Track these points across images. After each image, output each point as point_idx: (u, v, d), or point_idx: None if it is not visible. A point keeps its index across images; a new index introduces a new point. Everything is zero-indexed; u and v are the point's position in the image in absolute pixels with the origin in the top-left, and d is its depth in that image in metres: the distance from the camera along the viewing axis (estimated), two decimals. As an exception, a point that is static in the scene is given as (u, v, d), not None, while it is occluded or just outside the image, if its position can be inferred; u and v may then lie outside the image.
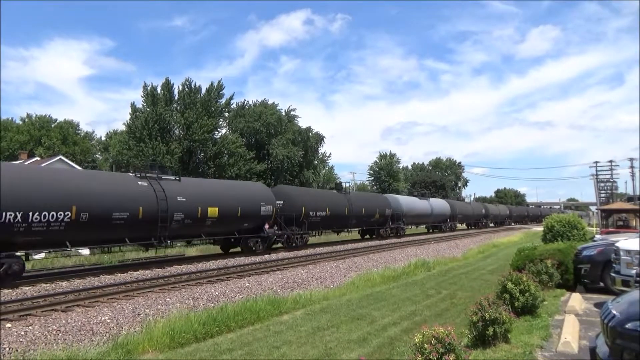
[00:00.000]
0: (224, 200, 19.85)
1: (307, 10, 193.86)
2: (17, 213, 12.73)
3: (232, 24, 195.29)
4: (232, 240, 21.90)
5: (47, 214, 13.41)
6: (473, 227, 57.81)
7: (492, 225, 64.10)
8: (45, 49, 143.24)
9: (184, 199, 17.89)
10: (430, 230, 47.72)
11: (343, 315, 9.50)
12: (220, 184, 22.95)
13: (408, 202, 39.97)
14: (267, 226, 22.73)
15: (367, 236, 35.55)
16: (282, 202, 24.17)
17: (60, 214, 13.72)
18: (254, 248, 21.67)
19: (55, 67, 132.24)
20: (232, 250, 22.61)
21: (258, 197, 22.19)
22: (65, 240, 14.48)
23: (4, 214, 12.45)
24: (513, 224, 75.97)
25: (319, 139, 51.91)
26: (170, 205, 17.17)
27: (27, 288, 12.34)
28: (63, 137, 55.48)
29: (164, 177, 18.44)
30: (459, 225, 53.26)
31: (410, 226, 42.23)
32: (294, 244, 24.61)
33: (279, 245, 24.78)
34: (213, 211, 19.03)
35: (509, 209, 77.99)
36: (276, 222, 23.67)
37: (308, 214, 25.61)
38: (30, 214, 12.99)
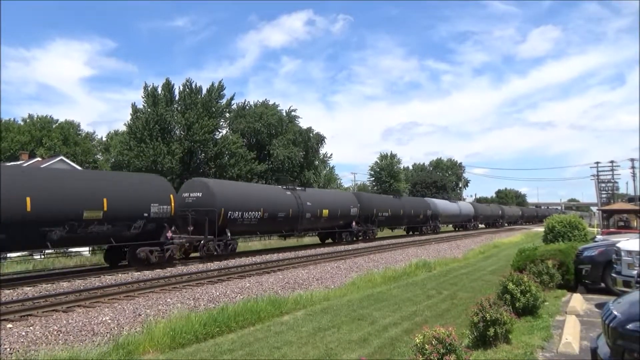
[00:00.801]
0: (330, 204, 27.89)
1: (308, 11, 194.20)
2: (239, 212, 20.61)
3: (233, 24, 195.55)
4: (328, 233, 30.02)
5: (251, 212, 21.28)
6: (492, 226, 63.63)
7: (506, 224, 69.65)
8: (47, 50, 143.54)
9: (310, 204, 25.67)
10: (457, 229, 54.01)
11: (344, 315, 9.50)
12: (328, 192, 32.75)
13: (442, 204, 47.04)
14: (354, 223, 30.17)
15: (411, 232, 42.71)
16: (359, 205, 30.76)
17: (256, 213, 21.60)
18: (344, 239, 29.50)
19: (56, 68, 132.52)
20: (327, 240, 30.41)
21: (348, 202, 29.99)
22: (257, 230, 22.93)
23: (233, 212, 20.16)
24: (524, 223, 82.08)
25: (320, 139, 51.79)
26: (304, 208, 24.90)
27: (28, 288, 12.35)
28: (64, 138, 55.50)
29: (297, 187, 26.98)
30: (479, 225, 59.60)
31: (442, 225, 48.99)
32: (367, 237, 31.95)
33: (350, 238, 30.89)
34: (325, 212, 26.93)
35: (522, 210, 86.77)
36: (357, 221, 30.73)
37: (377, 214, 33.15)
38: (245, 212, 20.94)
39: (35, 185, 13.10)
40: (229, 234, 20.07)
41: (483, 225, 62.01)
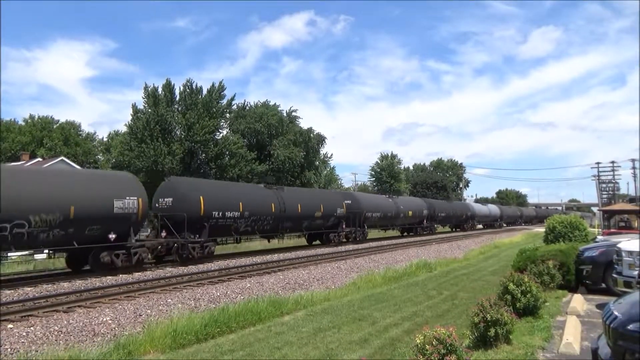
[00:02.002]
0: (412, 207, 39.82)
1: (309, 12, 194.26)
2: (371, 213, 32.07)
3: (234, 25, 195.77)
4: (407, 228, 41.79)
5: (375, 213, 32.82)
6: (513, 225, 74.39)
7: (523, 224, 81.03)
8: (48, 50, 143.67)
9: (403, 207, 37.44)
10: (485, 227, 63.43)
11: (344, 316, 9.50)
12: (410, 199, 44.32)
13: (477, 207, 58.72)
14: (424, 221, 42.21)
15: (453, 229, 53.76)
16: (428, 207, 42.50)
17: (378, 214, 33.39)
18: (419, 233, 41.32)
19: (57, 68, 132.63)
20: (404, 234, 41.96)
21: (421, 206, 41.99)
22: (376, 225, 35.42)
23: (368, 212, 31.79)
24: (537, 222, 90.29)
25: (321, 139, 51.71)
26: (399, 210, 36.51)
27: (29, 289, 12.37)
28: (65, 138, 55.46)
29: (393, 196, 39.91)
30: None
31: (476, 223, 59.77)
32: (431, 231, 43.75)
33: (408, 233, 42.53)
34: (410, 213, 38.77)
35: (536, 210, 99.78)
36: (426, 219, 42.32)
37: (438, 214, 44.86)
38: (373, 213, 32.72)
39: (301, 198, 25.39)
40: (365, 227, 31.86)
41: (505, 225, 71.26)
